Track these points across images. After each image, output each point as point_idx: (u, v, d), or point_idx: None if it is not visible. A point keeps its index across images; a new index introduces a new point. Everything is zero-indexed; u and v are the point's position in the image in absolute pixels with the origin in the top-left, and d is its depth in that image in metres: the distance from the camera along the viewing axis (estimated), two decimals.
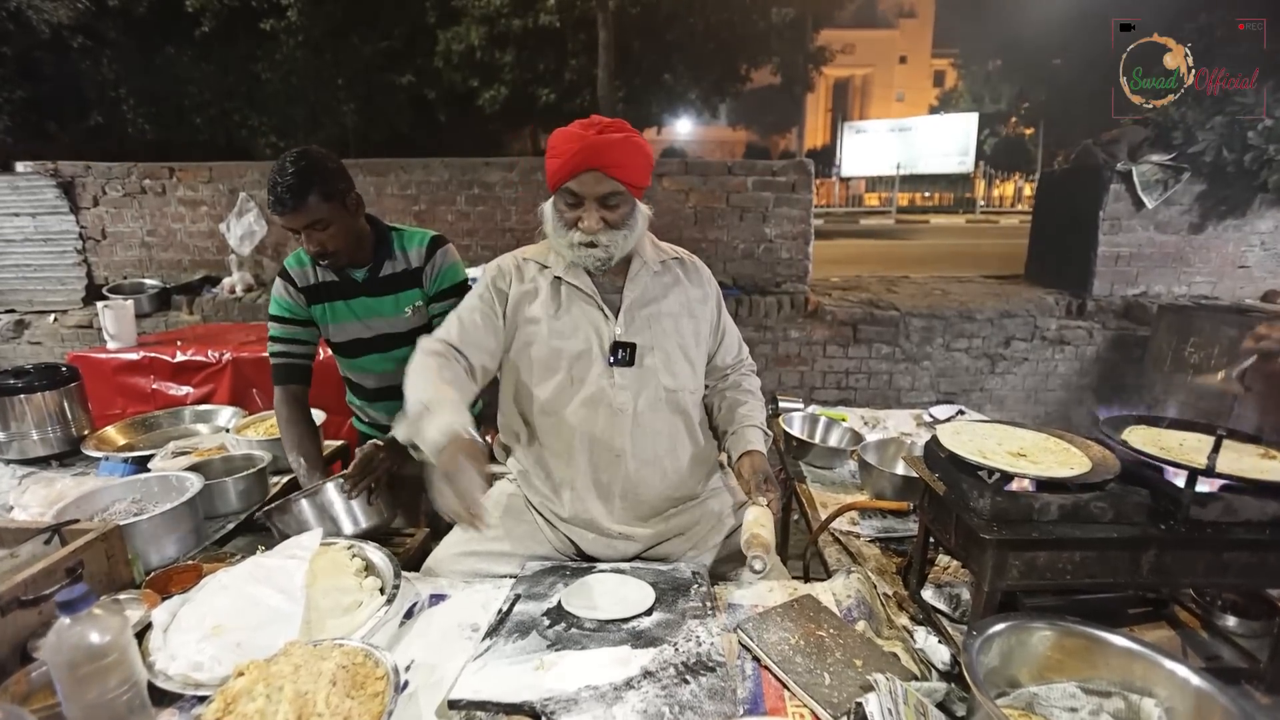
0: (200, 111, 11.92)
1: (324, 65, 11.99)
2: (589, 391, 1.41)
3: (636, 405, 1.42)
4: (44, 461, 1.99)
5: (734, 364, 1.64)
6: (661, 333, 1.46)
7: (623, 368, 1.42)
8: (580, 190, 1.34)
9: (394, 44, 12.33)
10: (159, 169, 4.92)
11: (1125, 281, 4.62)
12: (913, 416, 2.53)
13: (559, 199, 1.39)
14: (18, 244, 4.94)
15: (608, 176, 1.33)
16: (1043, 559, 1.06)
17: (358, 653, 0.99)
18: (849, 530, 1.67)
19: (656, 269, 1.50)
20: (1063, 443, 1.24)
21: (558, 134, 1.38)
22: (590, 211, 1.35)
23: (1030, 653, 1.00)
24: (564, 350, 1.42)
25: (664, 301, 1.49)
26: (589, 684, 0.99)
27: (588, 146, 1.30)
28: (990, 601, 1.08)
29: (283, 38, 11.39)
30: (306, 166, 1.59)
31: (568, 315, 1.44)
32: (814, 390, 4.57)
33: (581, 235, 1.36)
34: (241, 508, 1.70)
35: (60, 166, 4.90)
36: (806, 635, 1.13)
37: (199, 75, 11.75)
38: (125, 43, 11.17)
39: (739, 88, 15.20)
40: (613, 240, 1.38)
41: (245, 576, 1.18)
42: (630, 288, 1.46)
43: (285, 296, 1.80)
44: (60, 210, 4.89)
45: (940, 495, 1.20)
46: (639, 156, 1.36)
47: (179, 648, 1.02)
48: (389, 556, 1.32)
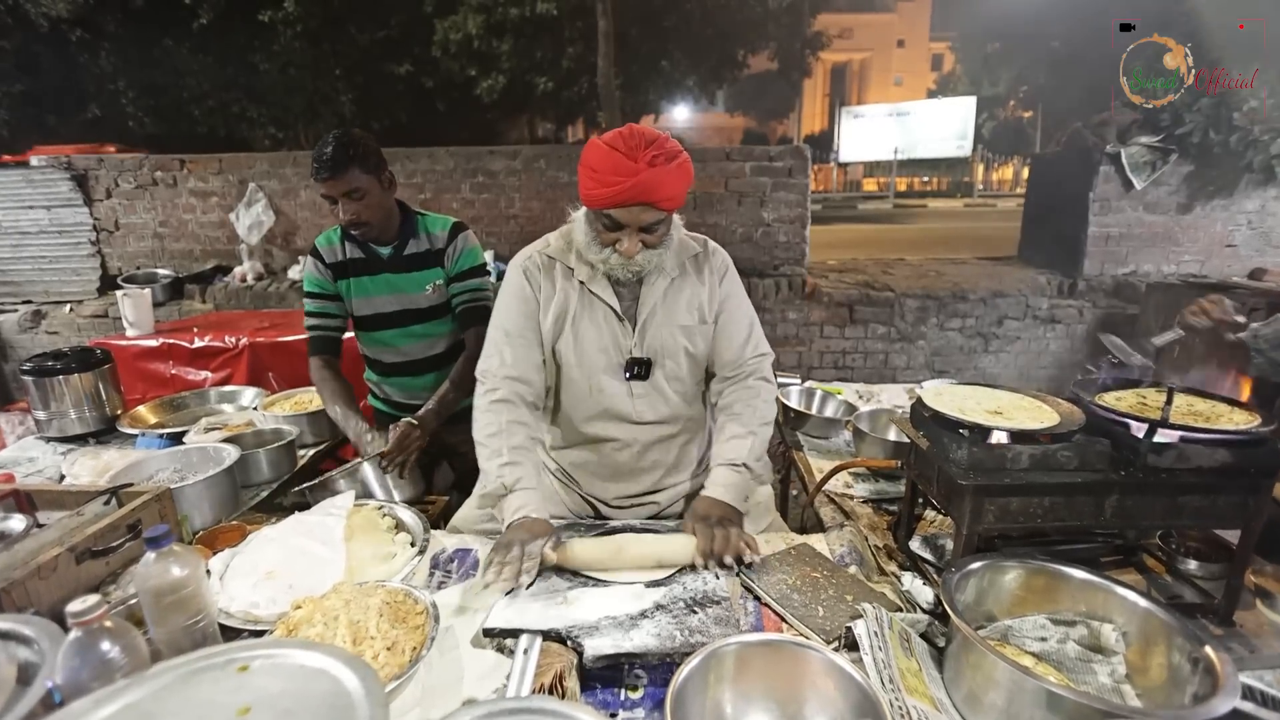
0: (198, 103, 11.88)
1: (322, 56, 11.91)
2: (607, 404, 1.48)
3: (654, 414, 1.51)
4: (81, 439, 2.09)
5: (737, 361, 1.53)
6: (674, 343, 1.47)
7: (638, 381, 1.47)
8: (624, 220, 1.31)
9: (391, 34, 12.24)
10: (170, 161, 5.01)
11: (1115, 261, 4.73)
12: (905, 391, 2.63)
13: (596, 219, 1.35)
14: (33, 236, 5.07)
15: (655, 208, 1.30)
16: (1015, 504, 1.18)
17: (399, 592, 1.11)
18: (843, 493, 1.78)
19: (674, 274, 1.47)
20: (1036, 401, 1.35)
21: (601, 155, 1.27)
22: (631, 237, 1.32)
23: (1003, 589, 1.12)
24: (585, 361, 1.46)
25: (677, 310, 1.47)
26: (608, 614, 1.11)
27: (641, 184, 1.24)
28: (969, 544, 1.19)
29: (280, 29, 11.29)
30: (349, 140, 1.73)
31: (591, 326, 1.45)
32: (811, 370, 4.68)
33: (619, 258, 1.35)
34: (272, 477, 1.83)
35: (74, 159, 5.00)
36: (803, 576, 1.25)
37: (197, 67, 11.69)
38: (123, 35, 11.12)
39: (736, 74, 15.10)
40: (648, 259, 1.37)
41: (289, 530, 1.30)
42: (646, 298, 1.45)
43: (315, 273, 1.94)
44: (74, 202, 5.02)
45: (924, 450, 1.31)
46: (686, 181, 1.32)
47: (236, 591, 1.14)
48: (418, 514, 1.44)
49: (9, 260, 5.19)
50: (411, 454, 1.71)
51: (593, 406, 1.50)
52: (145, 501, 1.33)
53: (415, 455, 1.72)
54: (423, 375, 2.04)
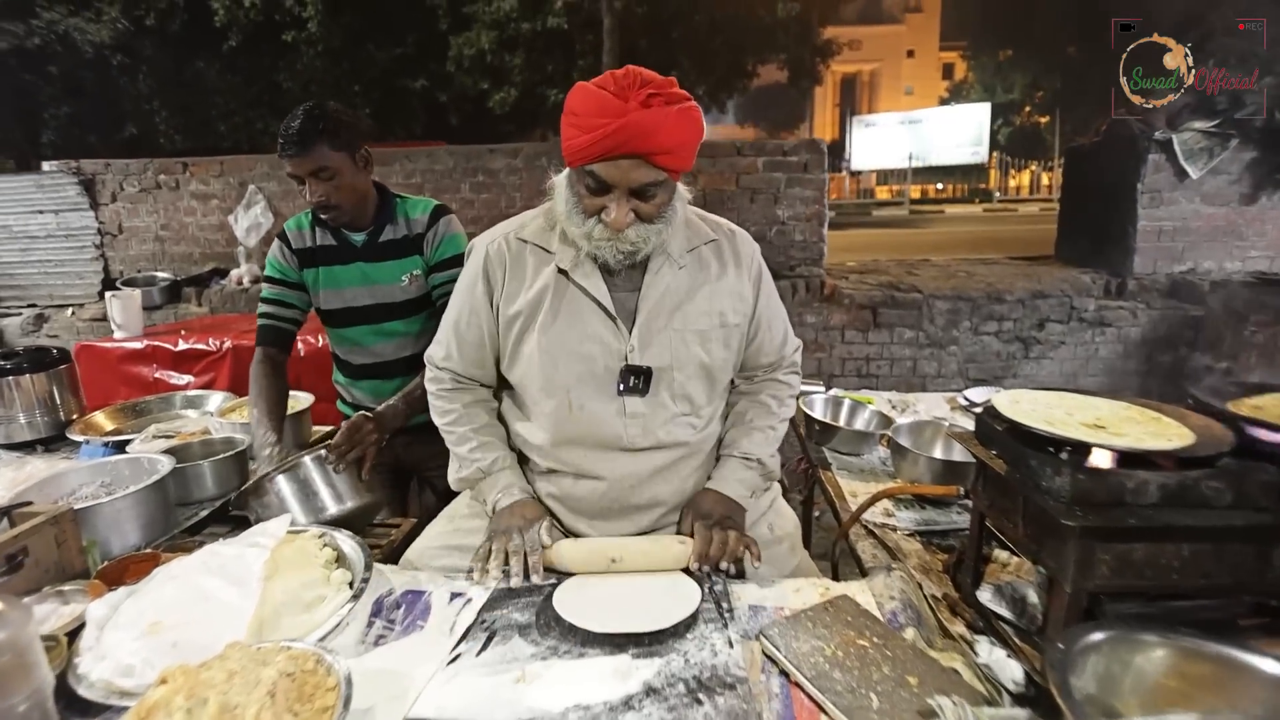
0: (225, 119, 12.57)
1: (341, 73, 12.48)
2: (592, 425, 1.17)
3: (651, 439, 1.19)
4: (29, 446, 1.89)
5: (772, 363, 1.33)
6: (685, 351, 1.18)
7: (634, 396, 1.17)
8: (610, 178, 1.05)
9: (408, 50, 12.76)
10: (173, 164, 5.04)
11: (1170, 258, 4.34)
12: (946, 400, 2.32)
13: (578, 179, 1.09)
14: (41, 240, 5.15)
15: (650, 164, 1.04)
16: (1139, 553, 0.86)
17: (308, 657, 0.83)
18: (884, 523, 1.47)
19: (684, 263, 1.20)
20: (1149, 412, 1.03)
21: (584, 95, 1.05)
22: (620, 203, 1.06)
23: (1138, 676, 0.78)
24: (561, 369, 1.17)
25: (689, 308, 1.19)
26: (579, 703, 0.82)
27: (629, 126, 0.99)
28: (1074, 606, 0.88)
29: (303, 48, 11.91)
30: (319, 113, 1.55)
31: (570, 325, 1.16)
32: (833, 378, 4.36)
33: (604, 230, 1.08)
34: (218, 493, 1.58)
35: (83, 164, 5.09)
36: (845, 644, 0.93)
37: (225, 86, 12.46)
38: (159, 58, 11.93)
39: (746, 84, 15.19)
40: (643, 236, 1.10)
41: (197, 566, 1.03)
42: (649, 291, 1.17)
43: (279, 258, 1.76)
44: (81, 207, 5.10)
45: (1001, 475, 1.00)
46: (692, 133, 1.06)
47: (112, 647, 0.87)
48: (360, 545, 1.15)
49: (16, 264, 5.24)
50: (366, 449, 1.44)
51: (569, 429, 1.19)
52: (38, 525, 1.08)
53: (370, 452, 1.45)
54: (396, 378, 1.79)
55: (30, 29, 10.22)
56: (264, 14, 11.23)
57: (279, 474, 1.33)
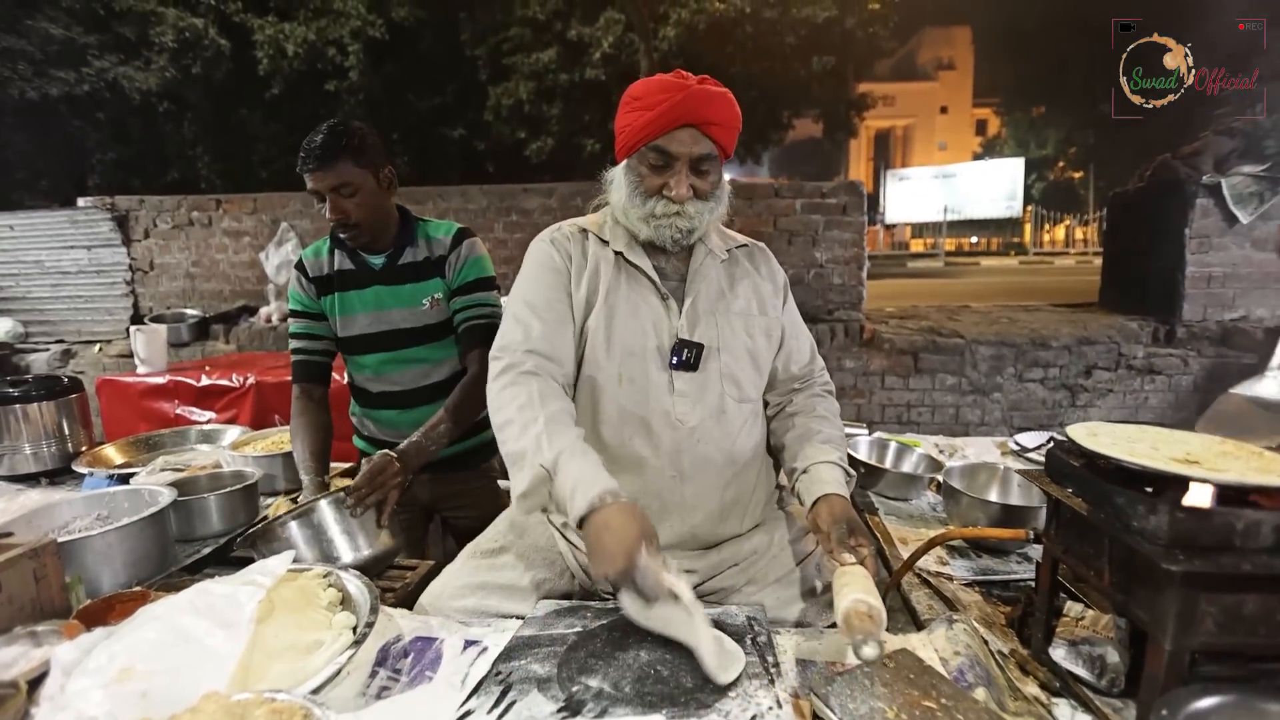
0: (266, 165, 12.90)
1: (381, 121, 12.70)
2: (639, 398, 1.18)
3: (697, 417, 1.18)
4: (34, 479, 1.84)
5: (803, 375, 1.35)
6: (730, 333, 1.23)
7: (684, 371, 1.19)
8: (673, 149, 1.15)
9: (447, 100, 13.14)
10: (206, 201, 5.07)
11: (1220, 305, 4.15)
12: (995, 444, 2.19)
13: (640, 161, 1.19)
14: (72, 275, 5.17)
15: (705, 135, 1.16)
16: (1252, 605, 0.75)
17: (294, 711, 0.74)
18: (938, 571, 1.36)
19: (724, 258, 1.30)
20: (1247, 446, 0.92)
21: (645, 84, 1.18)
22: (681, 176, 1.16)
23: None
24: (619, 340, 1.19)
25: (733, 296, 1.27)
26: None
27: (690, 98, 1.12)
28: (1174, 666, 0.76)
29: (344, 96, 12.26)
30: (343, 129, 1.52)
31: (628, 301, 1.22)
32: (873, 425, 4.18)
33: (666, 205, 1.17)
34: (225, 529, 1.50)
35: (117, 200, 5.13)
36: (909, 705, 0.82)
37: (267, 133, 12.83)
38: (204, 105, 12.34)
39: (781, 135, 15.35)
40: (699, 212, 1.19)
41: (184, 606, 0.93)
42: (696, 278, 1.24)
43: (298, 289, 1.70)
44: (113, 243, 5.12)
45: (1082, 516, 0.90)
46: (737, 115, 1.19)
47: (74, 697, 0.78)
48: (366, 585, 1.06)
49: (48, 300, 5.25)
50: (387, 493, 1.35)
51: (620, 405, 1.18)
52: (13, 559, 1.01)
53: (392, 496, 1.36)
54: (413, 409, 1.70)
55: (80, 76, 10.46)
56: (307, 64, 11.61)
57: (291, 519, 1.26)
